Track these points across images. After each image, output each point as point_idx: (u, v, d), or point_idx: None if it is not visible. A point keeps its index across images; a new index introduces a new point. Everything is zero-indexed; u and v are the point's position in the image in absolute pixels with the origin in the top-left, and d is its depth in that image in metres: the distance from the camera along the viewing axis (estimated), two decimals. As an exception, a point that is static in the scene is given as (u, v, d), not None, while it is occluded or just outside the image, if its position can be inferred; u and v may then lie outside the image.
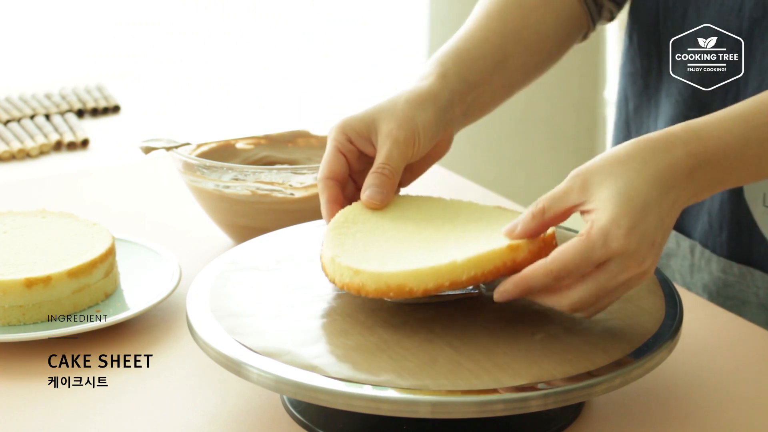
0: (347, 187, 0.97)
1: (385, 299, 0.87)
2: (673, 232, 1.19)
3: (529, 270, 0.82)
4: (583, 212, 0.84)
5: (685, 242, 1.18)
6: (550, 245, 0.85)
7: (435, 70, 1.02)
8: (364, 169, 0.97)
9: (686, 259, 1.18)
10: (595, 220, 0.81)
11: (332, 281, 0.88)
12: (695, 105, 1.12)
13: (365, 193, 0.94)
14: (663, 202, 0.83)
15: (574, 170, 0.85)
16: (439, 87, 1.00)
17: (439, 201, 0.98)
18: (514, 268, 0.83)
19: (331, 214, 0.94)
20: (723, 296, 1.14)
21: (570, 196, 0.84)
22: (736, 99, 1.08)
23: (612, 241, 0.80)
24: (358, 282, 0.85)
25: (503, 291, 0.83)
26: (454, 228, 0.91)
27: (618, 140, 1.25)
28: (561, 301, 0.83)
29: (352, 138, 0.96)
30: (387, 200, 0.94)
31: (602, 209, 0.81)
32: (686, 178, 0.84)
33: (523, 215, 0.85)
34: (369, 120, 0.96)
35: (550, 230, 0.86)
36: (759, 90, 1.06)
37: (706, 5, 1.09)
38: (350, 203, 0.95)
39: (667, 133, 0.86)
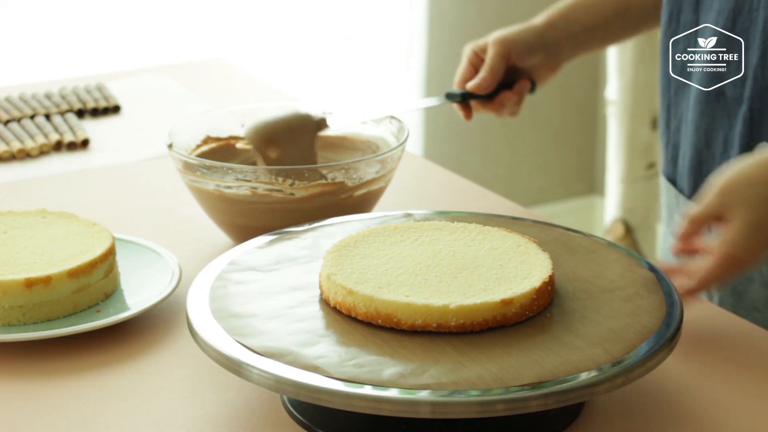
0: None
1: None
2: None
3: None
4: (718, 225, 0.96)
5: None
6: (543, 297, 0.88)
7: (546, 16, 1.29)
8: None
9: None
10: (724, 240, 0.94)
11: (326, 299, 0.89)
12: None
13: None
14: None
15: (717, 183, 0.95)
16: (543, 27, 1.28)
17: (448, 230, 0.98)
18: (504, 322, 0.86)
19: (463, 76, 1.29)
20: None
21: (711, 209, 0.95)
22: None
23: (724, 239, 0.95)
24: (350, 302, 0.87)
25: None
26: (457, 264, 0.92)
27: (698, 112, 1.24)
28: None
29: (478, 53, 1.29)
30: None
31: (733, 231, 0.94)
32: None
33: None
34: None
35: (542, 281, 0.88)
36: None
37: None
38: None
39: None
